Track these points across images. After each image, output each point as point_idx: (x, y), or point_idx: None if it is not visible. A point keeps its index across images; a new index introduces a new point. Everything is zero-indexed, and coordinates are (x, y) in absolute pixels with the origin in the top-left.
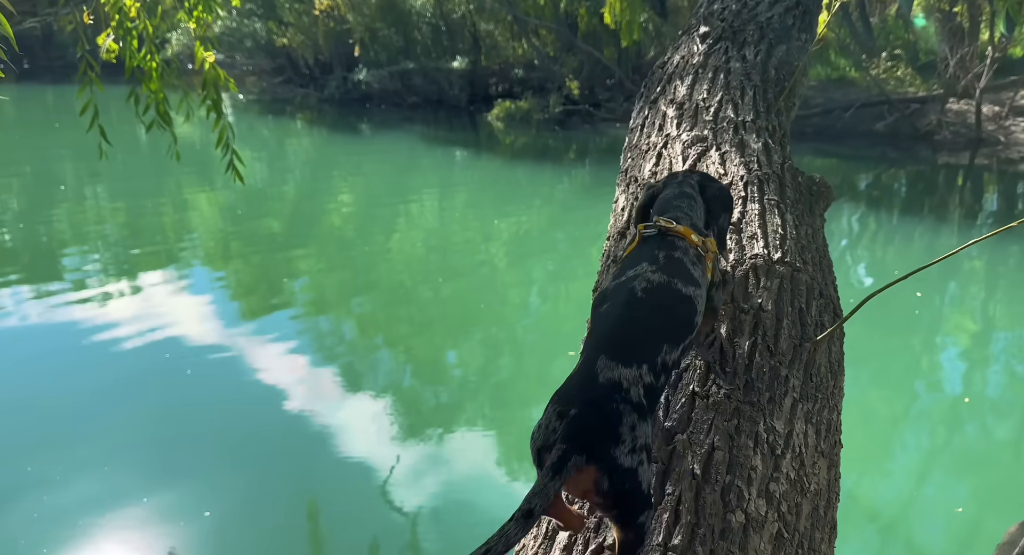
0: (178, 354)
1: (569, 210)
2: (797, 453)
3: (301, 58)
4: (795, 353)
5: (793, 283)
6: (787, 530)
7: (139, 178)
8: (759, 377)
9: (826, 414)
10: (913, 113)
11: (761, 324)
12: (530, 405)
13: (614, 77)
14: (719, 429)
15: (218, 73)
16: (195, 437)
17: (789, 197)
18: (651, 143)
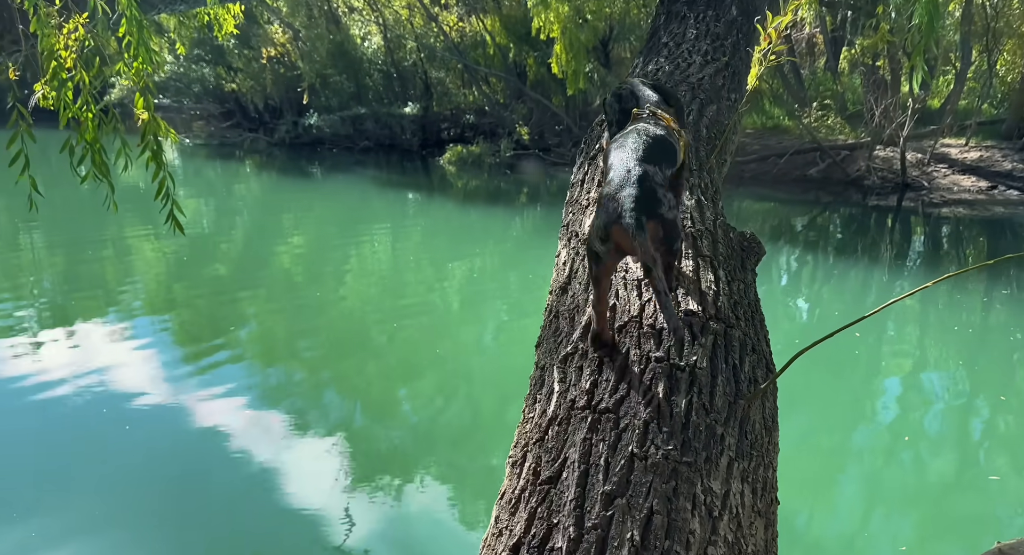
0: (116, 407)
1: (522, 251)
2: (734, 514)
3: (250, 103)
4: (730, 410)
5: (727, 339)
6: None
7: (79, 224)
8: (696, 436)
9: (762, 472)
10: (843, 159)
11: (697, 382)
12: (486, 449)
13: (562, 123)
14: (657, 492)
15: (158, 123)
16: (134, 492)
17: (722, 253)
18: (591, 199)
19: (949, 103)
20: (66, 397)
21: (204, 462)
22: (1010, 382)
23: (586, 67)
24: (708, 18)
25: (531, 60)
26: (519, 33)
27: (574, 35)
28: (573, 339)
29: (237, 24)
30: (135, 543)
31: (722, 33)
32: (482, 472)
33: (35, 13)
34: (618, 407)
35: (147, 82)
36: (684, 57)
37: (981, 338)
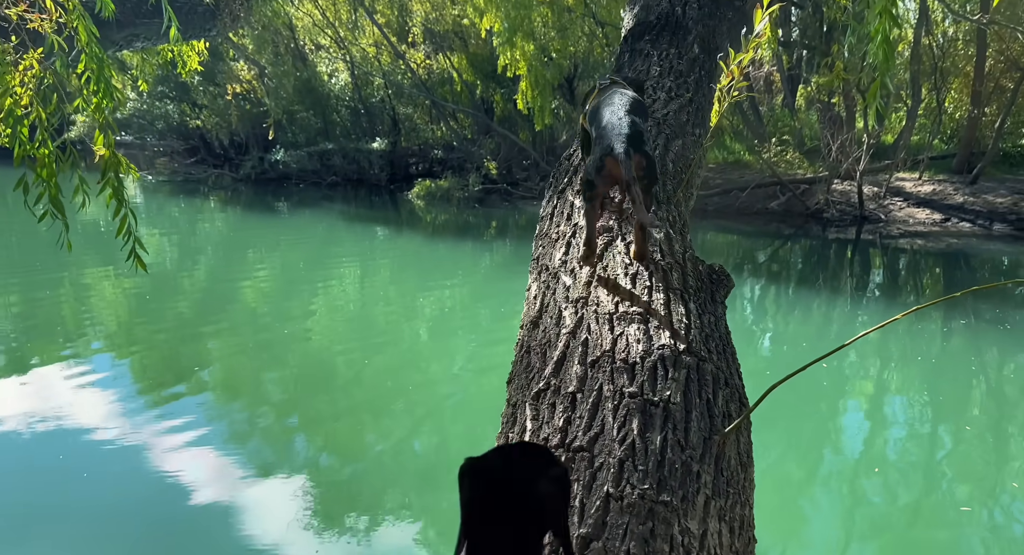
0: (74, 452)
1: (491, 284)
2: (712, 554)
3: (215, 139)
4: (705, 446)
5: (700, 373)
6: None
7: (36, 263)
8: (672, 474)
9: (738, 510)
10: (803, 193)
11: (671, 417)
12: (454, 485)
13: (530, 158)
14: (634, 534)
15: (118, 160)
16: (92, 540)
17: (692, 286)
18: (560, 232)
19: (902, 139)
20: (21, 442)
21: (166, 507)
22: (973, 412)
23: (552, 103)
24: (671, 56)
25: (498, 96)
26: (485, 70)
27: (540, 73)
28: (545, 375)
29: (202, 61)
30: None
31: (685, 70)
32: (451, 510)
33: None
34: (592, 445)
35: (107, 118)
36: (649, 93)
37: (943, 368)
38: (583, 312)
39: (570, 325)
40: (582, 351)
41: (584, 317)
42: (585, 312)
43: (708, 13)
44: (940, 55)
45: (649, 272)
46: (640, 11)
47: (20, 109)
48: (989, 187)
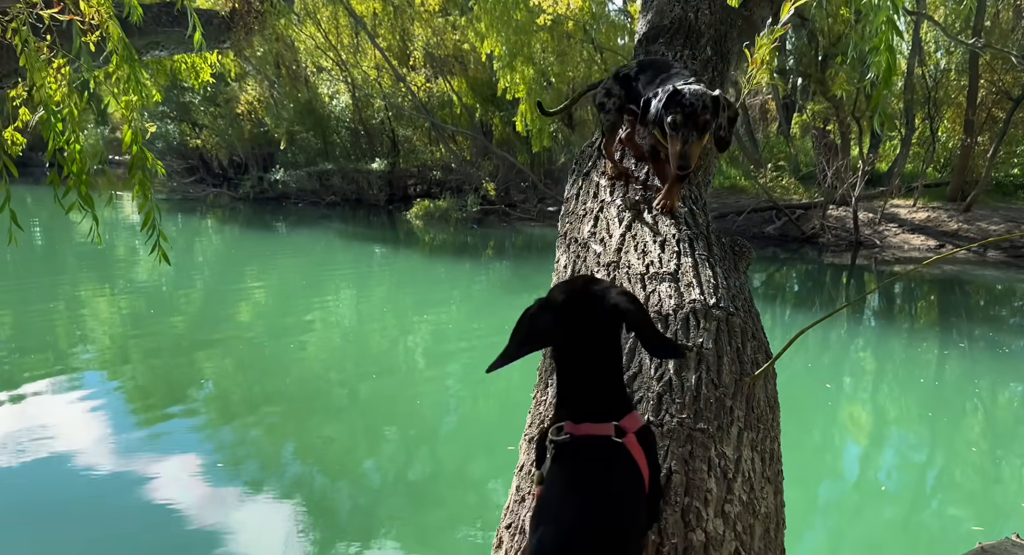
0: (62, 473)
1: (487, 305)
2: (747, 477)
3: (215, 159)
4: (737, 386)
5: (729, 326)
6: (744, 549)
7: (30, 280)
8: (707, 407)
9: (768, 443)
10: (799, 218)
11: (704, 360)
12: (448, 507)
13: (528, 180)
14: (675, 454)
15: (146, 155)
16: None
17: (716, 254)
18: (588, 208)
19: (896, 166)
20: (10, 464)
21: (155, 529)
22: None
23: (550, 127)
24: (685, 56)
25: (497, 119)
26: (485, 94)
27: (539, 96)
28: None
29: (204, 84)
30: None
31: (699, 70)
32: (445, 532)
33: (24, 49)
34: (631, 383)
35: (137, 116)
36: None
37: (947, 390)
38: (615, 274)
39: None
40: None
41: (616, 278)
42: (617, 273)
43: (719, 19)
44: (933, 85)
45: (676, 239)
46: (654, 16)
47: (53, 104)
48: (983, 215)
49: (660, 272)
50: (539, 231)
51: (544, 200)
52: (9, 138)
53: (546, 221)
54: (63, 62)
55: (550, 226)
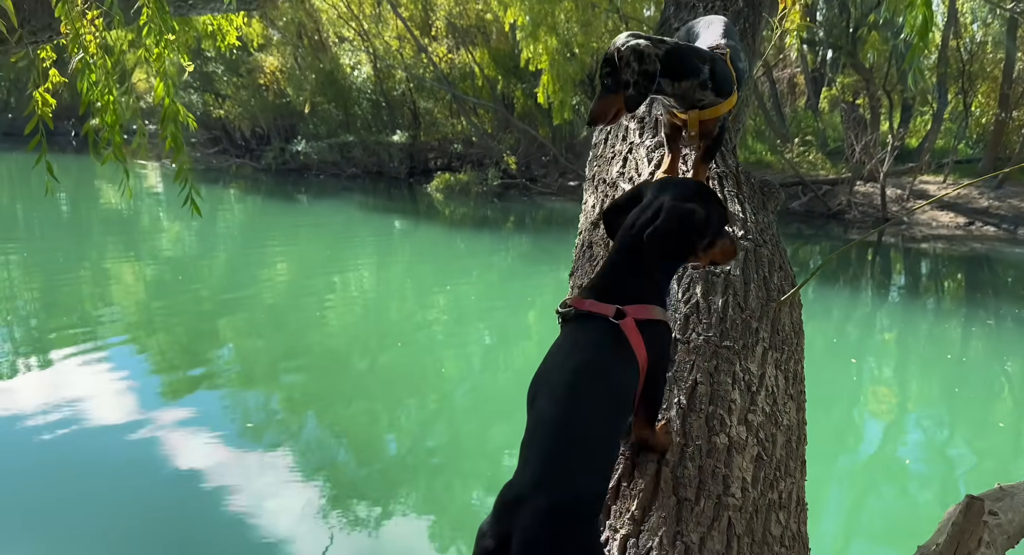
0: (89, 440)
1: (507, 279)
2: (770, 392)
3: (237, 129)
4: (763, 310)
5: (756, 255)
6: (765, 454)
7: (58, 250)
8: (733, 327)
9: (792, 365)
10: (825, 194)
11: (731, 286)
12: (467, 477)
13: (549, 154)
14: (700, 368)
15: (177, 108)
16: (108, 527)
17: (745, 192)
18: (616, 151)
19: (927, 142)
20: (38, 428)
21: (180, 494)
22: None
23: (573, 99)
24: (716, 7)
25: (519, 92)
26: (507, 65)
27: (562, 67)
28: None
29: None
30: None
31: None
32: (460, 501)
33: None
34: None
35: (168, 69)
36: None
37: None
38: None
39: None
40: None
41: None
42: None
43: None
44: (968, 58)
45: (706, 178)
46: None
47: (88, 56)
48: (1015, 191)
49: None
50: (559, 206)
51: (565, 174)
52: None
53: (567, 196)
54: (97, 14)
55: (571, 201)
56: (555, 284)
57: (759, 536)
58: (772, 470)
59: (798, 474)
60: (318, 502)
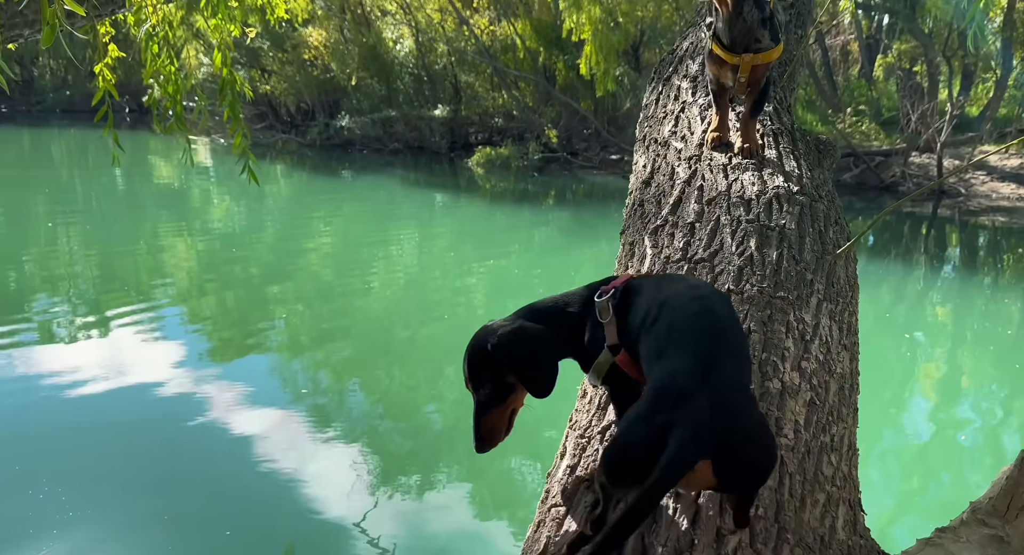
0: (145, 401)
1: (547, 254)
2: (824, 341)
3: (283, 105)
4: (818, 263)
5: (812, 210)
6: (818, 400)
7: (114, 222)
8: (787, 279)
9: (846, 316)
10: (878, 165)
11: (786, 239)
12: (506, 452)
13: (591, 127)
14: (754, 317)
15: (235, 78)
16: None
17: (800, 149)
18: (668, 110)
19: (988, 110)
20: (93, 393)
21: (226, 460)
22: None
23: (616, 69)
24: None
25: (560, 64)
26: (549, 37)
27: (605, 37)
28: (662, 215)
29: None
30: (157, 539)
31: None
32: (499, 473)
33: None
34: (713, 258)
35: (226, 39)
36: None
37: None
38: (697, 166)
39: (684, 176)
40: (698, 194)
41: (698, 170)
42: (699, 166)
43: None
44: None
45: (760, 134)
46: None
47: (151, 28)
48: None
49: (744, 163)
50: (601, 180)
51: (607, 148)
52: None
53: (608, 169)
54: None
55: (612, 174)
56: (595, 258)
57: (811, 475)
58: (824, 415)
59: (850, 420)
60: (361, 467)
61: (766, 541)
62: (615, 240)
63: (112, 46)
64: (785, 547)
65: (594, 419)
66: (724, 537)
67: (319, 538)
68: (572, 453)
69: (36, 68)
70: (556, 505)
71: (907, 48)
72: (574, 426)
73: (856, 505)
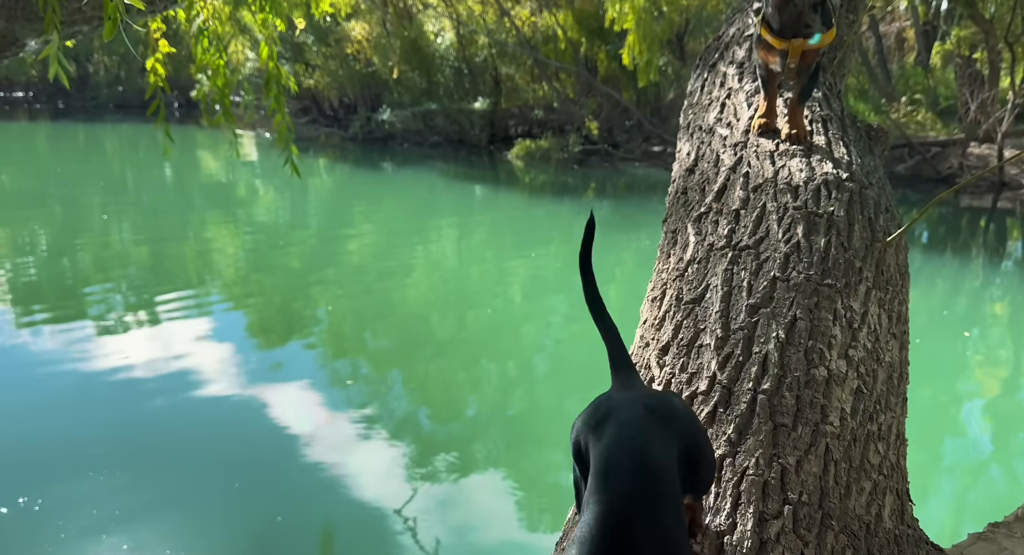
0: (191, 388)
1: None
2: (872, 330)
3: (326, 99)
4: (867, 251)
5: (862, 197)
6: (866, 388)
7: (163, 214)
8: (835, 266)
9: (896, 305)
10: (934, 156)
11: (835, 226)
12: (543, 444)
13: (633, 119)
14: (800, 305)
15: (280, 72)
16: (199, 478)
17: (850, 136)
18: (713, 97)
19: None
20: (141, 383)
21: (270, 445)
22: None
23: (659, 59)
24: None
25: (602, 54)
26: (591, 27)
27: (648, 26)
28: (706, 202)
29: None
30: (197, 528)
31: None
32: (538, 467)
33: None
34: (758, 245)
35: (272, 34)
36: None
37: None
38: (742, 153)
39: (730, 163)
40: (743, 181)
41: (744, 156)
42: (745, 152)
43: None
44: None
45: (809, 120)
46: None
47: (202, 23)
48: None
49: (791, 149)
50: (643, 172)
51: (649, 139)
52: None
53: (650, 161)
54: None
55: (654, 166)
56: (636, 252)
57: (857, 463)
58: (872, 403)
59: (899, 410)
60: (400, 458)
61: (809, 527)
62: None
63: (163, 42)
64: (829, 533)
65: None
66: (767, 521)
67: (359, 526)
68: None
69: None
70: None
71: (966, 34)
72: None
73: (904, 495)
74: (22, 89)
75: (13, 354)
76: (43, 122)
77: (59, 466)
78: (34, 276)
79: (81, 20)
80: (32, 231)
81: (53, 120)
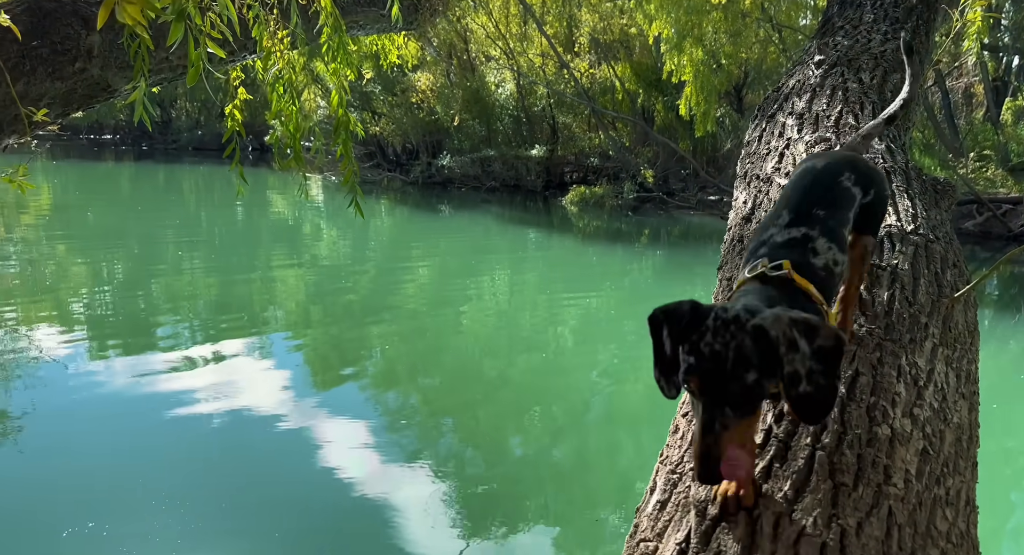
0: (250, 423)
1: (639, 294)
2: (939, 388)
3: (390, 145)
4: (933, 306)
5: (928, 251)
6: (932, 449)
7: (233, 252)
8: (899, 321)
9: (965, 363)
10: (1005, 213)
11: (899, 280)
12: (592, 496)
13: (688, 168)
14: (862, 359)
15: (349, 119)
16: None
17: (915, 189)
18: (772, 147)
19: None
20: (204, 418)
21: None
22: None
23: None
24: (886, 4)
25: (659, 105)
26: (649, 78)
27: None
28: None
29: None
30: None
31: (901, 18)
32: (584, 515)
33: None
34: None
35: (343, 83)
36: (863, 34)
37: None
38: None
39: None
40: None
41: None
42: None
43: None
44: None
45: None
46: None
47: (277, 71)
48: None
49: None
50: (697, 220)
51: (705, 188)
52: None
53: (706, 210)
54: (285, 34)
55: (709, 215)
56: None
57: (923, 529)
58: (939, 466)
59: (968, 474)
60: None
61: None
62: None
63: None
64: None
65: (685, 455)
66: None
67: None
68: (663, 488)
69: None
70: (644, 540)
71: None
72: (665, 461)
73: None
74: (110, 132)
75: (85, 384)
76: (127, 162)
77: (125, 495)
78: (109, 308)
79: (167, 68)
80: (111, 265)
81: (136, 161)
